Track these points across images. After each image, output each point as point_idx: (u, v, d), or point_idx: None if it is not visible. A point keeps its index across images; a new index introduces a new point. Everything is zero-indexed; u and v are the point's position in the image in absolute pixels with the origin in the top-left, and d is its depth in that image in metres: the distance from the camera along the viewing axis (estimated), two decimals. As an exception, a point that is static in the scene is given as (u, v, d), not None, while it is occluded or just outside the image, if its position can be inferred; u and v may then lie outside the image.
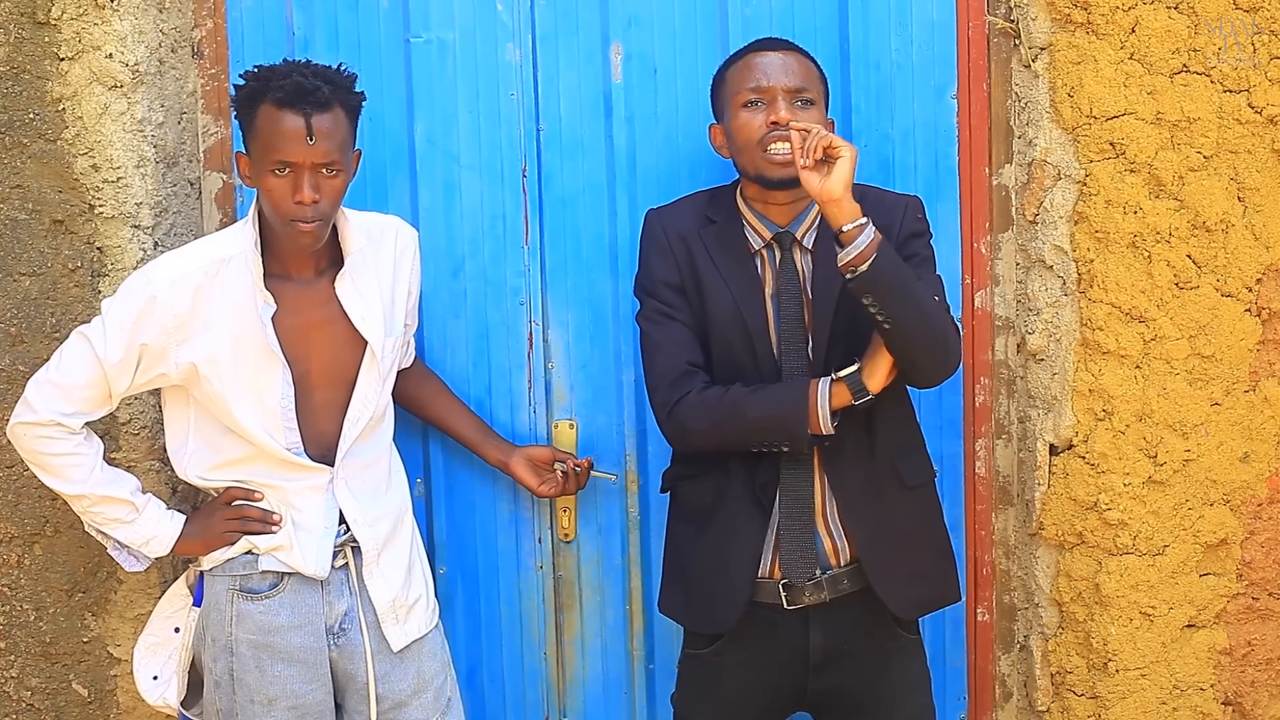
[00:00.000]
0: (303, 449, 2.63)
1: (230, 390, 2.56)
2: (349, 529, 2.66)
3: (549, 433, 3.04)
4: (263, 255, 2.58)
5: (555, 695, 3.12)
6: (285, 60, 2.56)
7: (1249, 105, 2.90)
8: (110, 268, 2.85)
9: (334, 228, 2.62)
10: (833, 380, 2.54)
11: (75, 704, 2.95)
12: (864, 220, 2.43)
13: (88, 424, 2.60)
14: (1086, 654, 3.03)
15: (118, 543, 2.67)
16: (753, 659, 2.66)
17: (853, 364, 2.54)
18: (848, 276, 2.43)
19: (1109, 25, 2.87)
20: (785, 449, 2.57)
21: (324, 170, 2.50)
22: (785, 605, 2.61)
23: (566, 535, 3.07)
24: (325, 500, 2.64)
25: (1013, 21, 2.95)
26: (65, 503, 2.79)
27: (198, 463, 2.65)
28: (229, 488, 2.64)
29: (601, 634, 3.11)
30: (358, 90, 2.58)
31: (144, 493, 2.68)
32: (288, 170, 2.48)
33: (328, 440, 2.65)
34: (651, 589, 3.04)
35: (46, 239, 2.84)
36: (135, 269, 2.83)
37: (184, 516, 2.67)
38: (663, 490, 2.80)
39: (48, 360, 2.60)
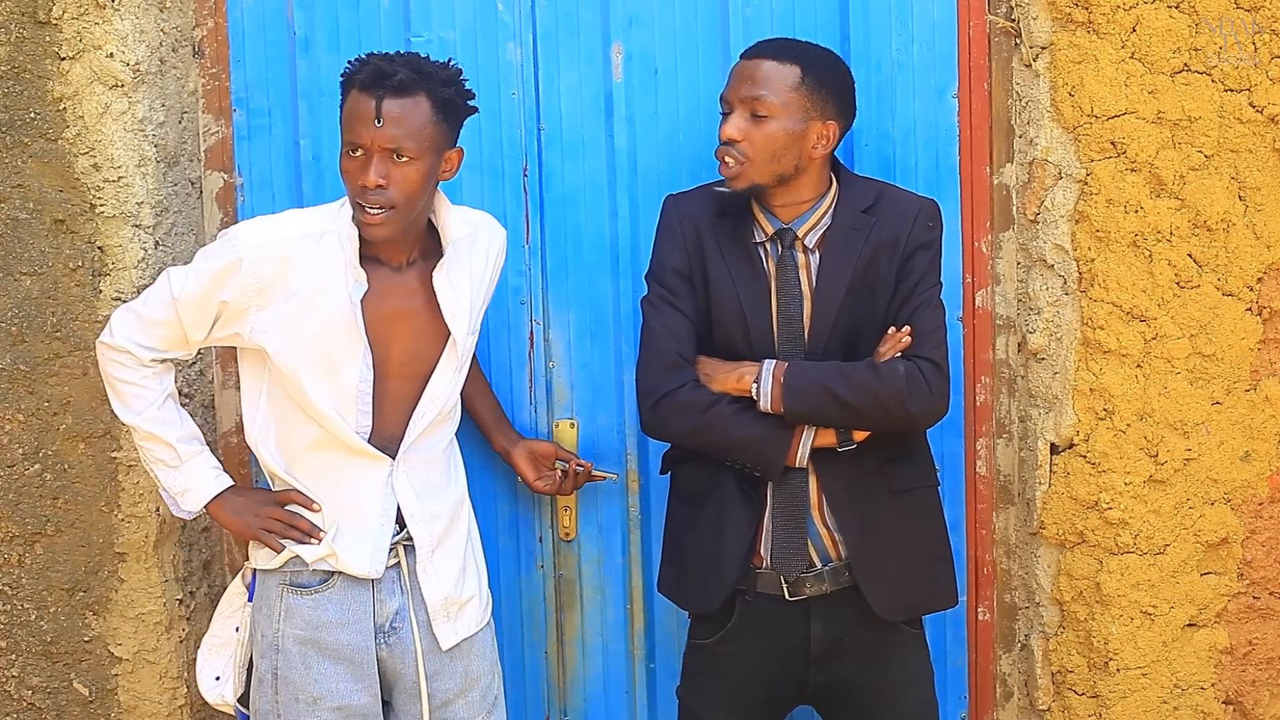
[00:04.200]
0: (369, 436, 2.60)
1: (305, 365, 2.53)
2: (403, 528, 2.63)
3: (550, 432, 3.04)
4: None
5: (556, 694, 3.12)
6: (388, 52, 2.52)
7: (1250, 104, 2.90)
8: (111, 267, 2.85)
9: (429, 220, 2.61)
10: None
11: (76, 703, 2.95)
12: (750, 384, 2.57)
13: (165, 362, 2.59)
14: (1087, 653, 3.03)
15: (163, 485, 2.65)
16: (754, 650, 2.67)
17: None
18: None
19: (1110, 24, 2.87)
20: (757, 473, 2.61)
21: (394, 156, 2.46)
22: (787, 596, 2.63)
23: (567, 534, 3.07)
24: (384, 494, 2.60)
25: (1014, 21, 2.94)
26: (66, 502, 2.80)
27: (267, 437, 2.62)
28: (290, 490, 2.61)
29: (602, 633, 3.11)
30: (457, 86, 2.52)
31: (200, 444, 2.64)
32: (358, 152, 2.47)
33: (390, 432, 2.61)
34: (652, 588, 3.04)
35: (47, 238, 2.84)
36: (136, 268, 2.84)
37: (230, 482, 2.64)
38: (662, 471, 2.82)
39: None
